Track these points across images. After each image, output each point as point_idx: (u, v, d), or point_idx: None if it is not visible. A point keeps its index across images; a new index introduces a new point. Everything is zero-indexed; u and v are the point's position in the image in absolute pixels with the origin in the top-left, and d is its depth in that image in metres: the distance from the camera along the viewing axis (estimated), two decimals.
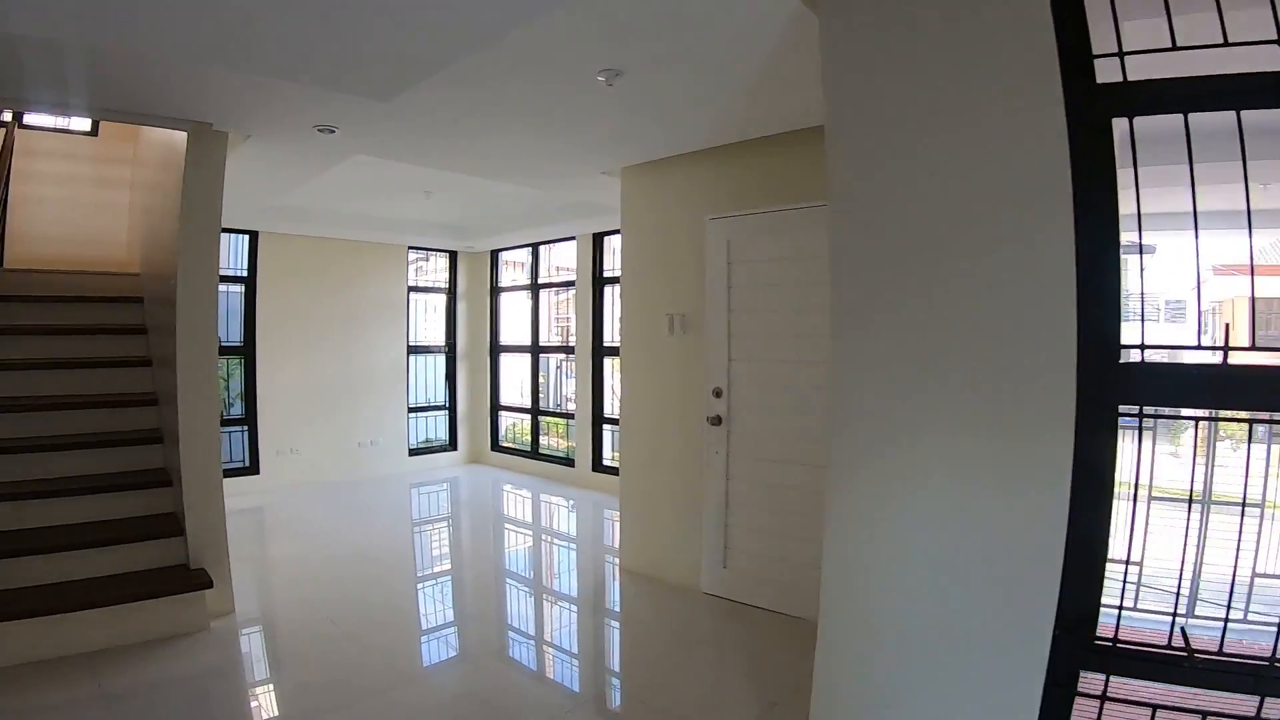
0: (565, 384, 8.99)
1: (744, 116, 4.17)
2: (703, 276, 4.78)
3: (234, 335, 7.80)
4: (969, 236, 2.23)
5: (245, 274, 7.87)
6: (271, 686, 3.74)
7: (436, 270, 9.67)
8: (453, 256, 9.64)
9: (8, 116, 5.79)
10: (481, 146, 4.78)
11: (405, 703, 3.51)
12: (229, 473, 7.25)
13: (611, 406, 8.01)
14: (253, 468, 7.92)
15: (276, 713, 3.46)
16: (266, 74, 3.45)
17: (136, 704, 3.37)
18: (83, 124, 7.04)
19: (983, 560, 2.21)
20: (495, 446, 9.62)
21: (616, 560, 5.57)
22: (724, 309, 4.66)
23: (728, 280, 4.65)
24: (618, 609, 4.84)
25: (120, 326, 5.33)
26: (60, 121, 6.98)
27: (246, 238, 7.84)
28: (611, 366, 7.99)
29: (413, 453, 9.27)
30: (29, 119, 6.75)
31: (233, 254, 7.82)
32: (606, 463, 8.03)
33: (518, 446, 9.42)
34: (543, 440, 9.09)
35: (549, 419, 9.07)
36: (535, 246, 8.98)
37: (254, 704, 3.55)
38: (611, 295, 7.95)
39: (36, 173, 6.52)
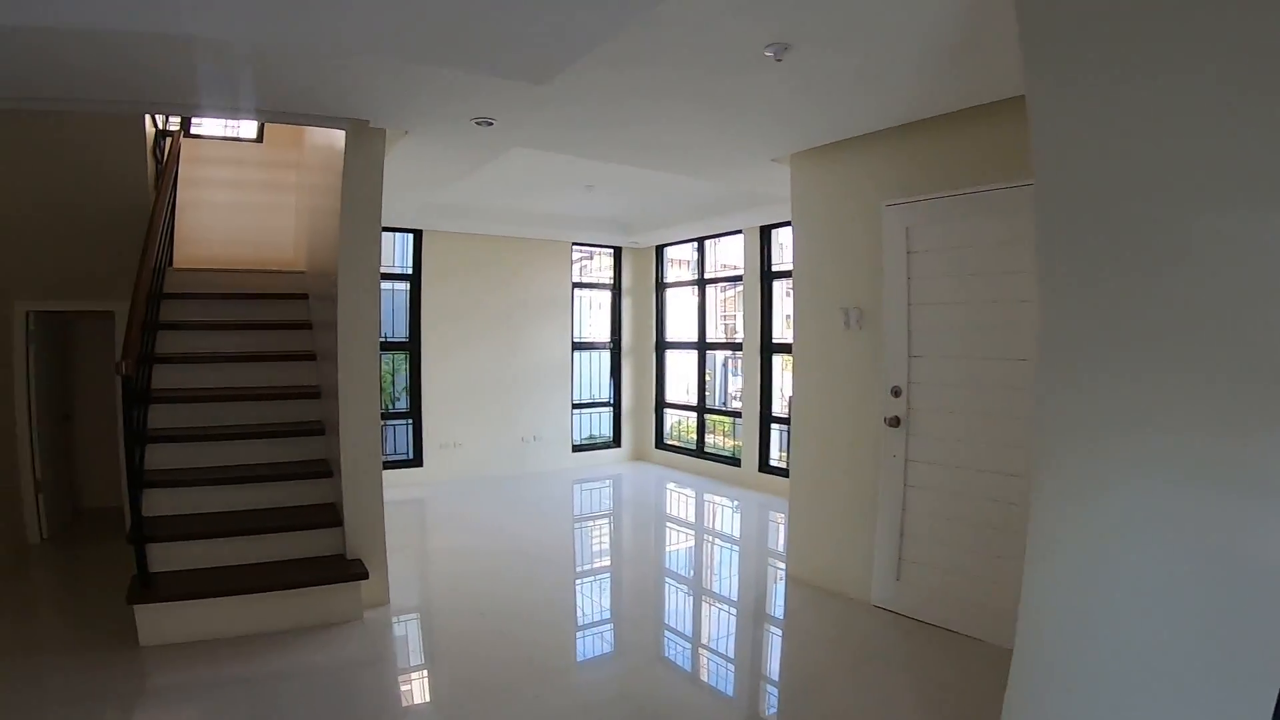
0: (731, 381, 8.80)
1: (925, 91, 3.79)
2: (880, 267, 4.44)
3: (400, 331, 8.14)
4: (1199, 210, 1.86)
5: (410, 271, 8.19)
6: (421, 678, 3.77)
7: (601, 267, 9.73)
8: (617, 252, 9.66)
9: (174, 125, 6.22)
10: (641, 134, 4.63)
11: (556, 699, 3.45)
12: (393, 465, 7.62)
13: (780, 405, 7.74)
14: (416, 460, 8.23)
15: (425, 705, 3.47)
16: (418, 58, 3.38)
17: (283, 689, 3.43)
18: (249, 131, 7.54)
19: (1211, 585, 1.83)
20: (660, 444, 9.56)
21: (780, 565, 5.33)
22: (903, 301, 4.30)
23: (907, 270, 4.29)
24: (779, 616, 4.59)
25: (286, 322, 5.58)
26: (228, 130, 7.50)
27: (411, 236, 8.15)
28: (780, 364, 7.72)
29: (576, 449, 9.37)
30: (199, 129, 7.33)
31: (398, 252, 8.15)
32: (774, 463, 7.76)
33: (682, 444, 9.32)
34: (708, 439, 8.93)
35: (715, 417, 8.89)
36: (700, 241, 8.84)
37: (402, 694, 3.58)
38: (780, 290, 7.68)
39: (206, 179, 7.06)
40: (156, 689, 3.46)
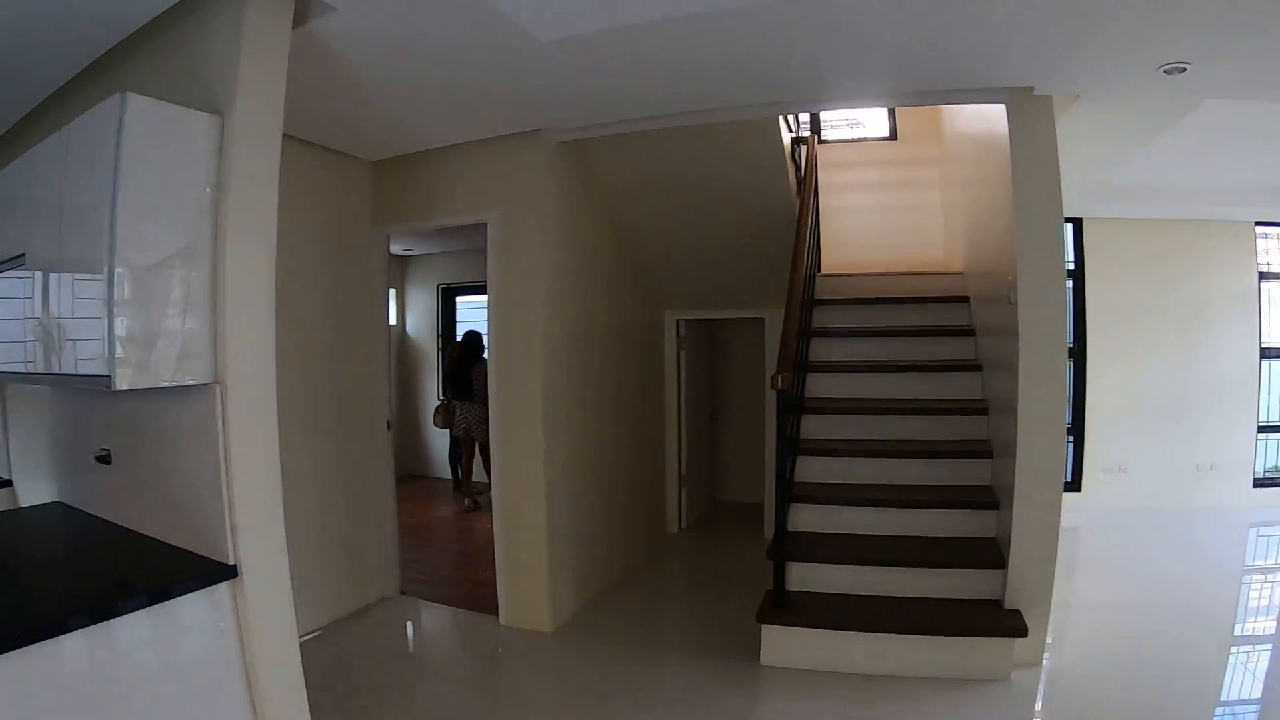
0: None
1: None
2: None
3: None
4: None
5: (1072, 266, 7.30)
6: None
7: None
8: None
9: (804, 132, 6.36)
10: None
11: None
12: None
13: None
14: (1074, 484, 7.29)
15: None
16: None
17: None
18: (880, 130, 7.43)
19: None
20: None
21: None
22: None
23: None
24: None
25: (941, 328, 5.26)
26: (858, 132, 7.51)
27: (1070, 226, 7.26)
28: None
29: (1257, 483, 7.38)
30: (828, 133, 7.51)
31: None
32: None
33: None
34: None
35: None
36: None
37: None
38: None
39: (842, 182, 7.15)
40: (768, 714, 3.48)
